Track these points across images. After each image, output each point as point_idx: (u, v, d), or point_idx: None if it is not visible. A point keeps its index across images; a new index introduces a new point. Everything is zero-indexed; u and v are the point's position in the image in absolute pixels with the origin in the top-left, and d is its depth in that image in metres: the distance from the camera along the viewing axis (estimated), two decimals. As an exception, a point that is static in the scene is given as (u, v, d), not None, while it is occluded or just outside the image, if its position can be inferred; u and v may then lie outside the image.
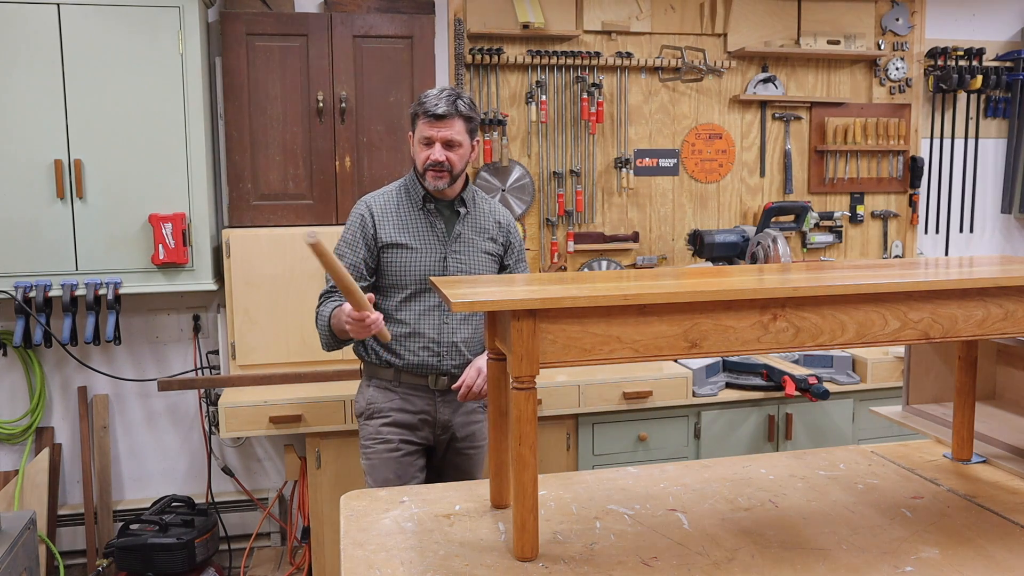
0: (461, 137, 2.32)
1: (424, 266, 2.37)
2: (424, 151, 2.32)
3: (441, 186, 2.34)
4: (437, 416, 2.44)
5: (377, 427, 2.42)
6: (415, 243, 2.38)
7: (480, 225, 2.45)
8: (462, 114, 2.31)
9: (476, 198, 2.49)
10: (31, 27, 3.00)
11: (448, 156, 2.31)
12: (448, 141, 2.30)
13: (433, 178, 2.32)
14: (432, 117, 2.28)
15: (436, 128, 2.29)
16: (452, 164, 2.32)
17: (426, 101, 2.30)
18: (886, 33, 4.13)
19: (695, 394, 3.16)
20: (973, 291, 1.48)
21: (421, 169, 2.34)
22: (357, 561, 1.43)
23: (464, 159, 2.36)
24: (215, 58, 3.35)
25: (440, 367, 2.40)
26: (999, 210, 4.46)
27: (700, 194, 4.02)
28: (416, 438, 2.44)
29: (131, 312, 3.47)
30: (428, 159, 2.31)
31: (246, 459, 3.67)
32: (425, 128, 2.31)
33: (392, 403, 2.42)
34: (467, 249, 2.41)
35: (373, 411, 2.44)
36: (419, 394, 2.42)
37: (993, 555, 1.42)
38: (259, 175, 3.26)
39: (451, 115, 2.29)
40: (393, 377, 2.42)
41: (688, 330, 1.38)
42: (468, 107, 2.33)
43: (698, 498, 1.68)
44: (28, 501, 3.31)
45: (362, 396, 2.49)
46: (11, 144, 3.02)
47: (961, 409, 1.81)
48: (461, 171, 2.37)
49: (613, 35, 3.83)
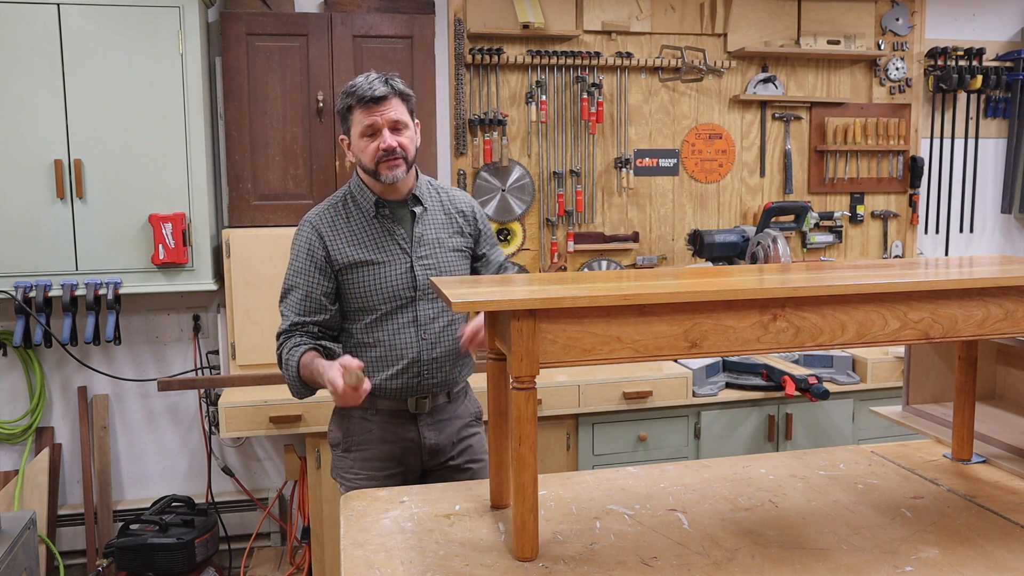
0: (405, 118, 2.10)
1: (391, 281, 2.10)
2: (370, 143, 2.07)
3: (400, 175, 2.08)
4: (423, 441, 2.17)
5: (359, 461, 2.17)
6: (377, 256, 2.11)
7: (442, 221, 2.20)
8: (400, 92, 2.10)
9: (430, 191, 2.23)
10: (31, 27, 3.00)
11: (400, 140, 2.07)
12: (394, 123, 2.07)
13: (388, 168, 2.07)
14: (370, 102, 2.04)
15: (378, 112, 2.05)
16: (405, 149, 2.08)
17: (356, 89, 2.07)
18: (886, 33, 4.13)
19: (695, 394, 3.16)
20: (973, 291, 1.48)
21: (372, 164, 2.07)
22: (357, 561, 1.43)
23: (414, 143, 2.13)
24: (215, 58, 3.35)
25: (420, 388, 2.14)
26: (999, 210, 4.46)
27: (700, 194, 4.02)
28: (403, 468, 2.18)
29: (131, 312, 3.47)
30: (379, 149, 2.05)
31: (246, 459, 3.67)
32: (364, 117, 2.06)
33: (371, 434, 2.15)
34: (434, 252, 2.15)
35: (351, 444, 2.17)
36: (399, 420, 2.16)
37: (993, 555, 1.42)
38: (259, 175, 3.26)
39: (390, 95, 2.07)
40: (369, 405, 2.13)
41: (688, 330, 1.38)
42: (403, 85, 2.12)
43: (698, 498, 1.68)
44: (28, 501, 3.31)
45: (336, 426, 2.21)
46: (11, 144, 3.03)
47: (961, 409, 1.81)
48: (414, 156, 2.14)
49: (613, 35, 3.83)
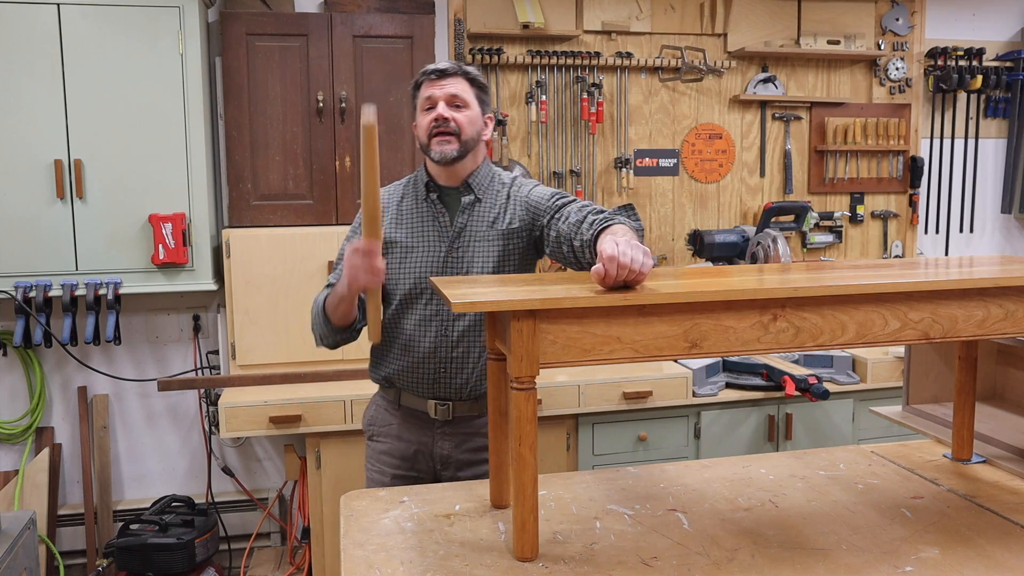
0: (469, 97, 1.99)
1: (420, 267, 2.01)
2: (426, 116, 1.98)
3: (450, 153, 1.95)
4: (435, 450, 2.09)
5: (375, 452, 2.16)
6: (411, 240, 2.03)
7: (492, 215, 2.03)
8: (467, 74, 2.00)
9: (493, 183, 2.07)
10: (31, 27, 3.00)
11: (454, 116, 1.95)
12: (453, 98, 1.96)
13: (439, 143, 1.95)
14: (433, 75, 1.97)
15: (438, 86, 1.97)
16: (460, 126, 1.96)
17: (427, 66, 2.02)
18: (886, 33, 4.13)
19: (695, 394, 3.16)
20: (973, 291, 1.48)
21: (425, 138, 1.98)
22: (357, 561, 1.43)
23: (474, 124, 1.99)
24: (215, 58, 3.35)
25: (439, 388, 2.05)
26: (999, 210, 4.46)
27: (700, 194, 4.02)
28: (412, 471, 2.11)
29: (131, 312, 3.47)
30: (431, 122, 1.96)
31: (246, 459, 3.67)
32: (425, 89, 1.98)
33: (390, 428, 2.13)
34: (474, 246, 2.01)
35: (373, 432, 2.18)
36: (418, 422, 2.10)
37: (993, 555, 1.42)
38: (259, 175, 3.26)
39: (455, 71, 1.98)
40: (393, 398, 2.12)
41: (688, 330, 1.38)
42: (476, 72, 2.03)
43: (698, 498, 1.68)
44: (28, 501, 3.31)
45: (368, 412, 2.22)
46: (11, 144, 3.02)
47: (961, 409, 1.81)
48: (472, 140, 1.99)
49: (613, 35, 3.83)
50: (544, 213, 1.98)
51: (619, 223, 1.75)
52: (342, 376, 3.21)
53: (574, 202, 1.95)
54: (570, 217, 1.89)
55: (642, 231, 1.89)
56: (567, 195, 2.00)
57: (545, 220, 1.98)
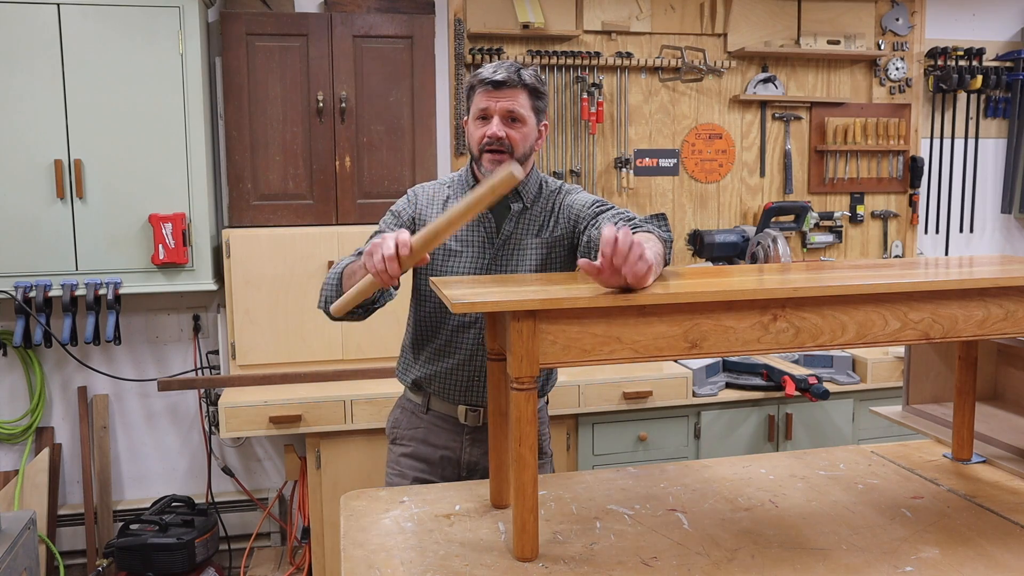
0: (525, 111, 1.90)
1: (463, 272, 1.96)
2: (479, 128, 1.91)
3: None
4: (461, 456, 2.08)
5: (397, 455, 2.14)
6: (456, 245, 1.97)
7: (538, 224, 2.00)
8: (527, 84, 1.90)
9: (540, 190, 2.02)
10: (31, 27, 3.00)
11: (509, 133, 1.89)
12: (509, 113, 1.89)
13: (490, 161, 1.90)
14: (490, 85, 1.88)
15: (495, 98, 1.88)
16: (513, 143, 1.89)
17: (483, 70, 1.92)
18: (886, 33, 4.13)
19: (695, 394, 3.16)
20: (973, 291, 1.48)
21: (476, 151, 1.92)
22: (357, 561, 1.43)
23: (528, 141, 1.93)
24: (215, 58, 3.35)
25: (472, 394, 2.03)
26: (999, 210, 4.46)
27: (700, 194, 4.02)
28: (434, 477, 2.09)
29: (131, 312, 3.47)
30: (484, 137, 1.89)
31: (246, 459, 3.67)
32: (480, 99, 1.91)
33: (416, 432, 2.10)
34: (518, 254, 1.97)
35: (396, 435, 2.15)
36: (446, 427, 2.08)
37: (993, 555, 1.42)
38: (259, 175, 3.26)
39: (513, 83, 1.88)
40: (422, 401, 2.09)
41: (688, 330, 1.38)
42: (534, 79, 1.93)
43: (698, 498, 1.68)
44: (28, 501, 3.31)
45: (392, 415, 2.19)
46: (11, 144, 3.02)
47: (961, 409, 1.81)
48: (525, 155, 1.94)
49: (613, 35, 3.83)
50: (583, 220, 1.96)
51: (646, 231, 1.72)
52: (342, 376, 3.21)
53: (610, 209, 1.93)
54: (602, 224, 1.86)
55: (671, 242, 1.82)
56: (607, 203, 1.97)
57: (583, 227, 1.95)
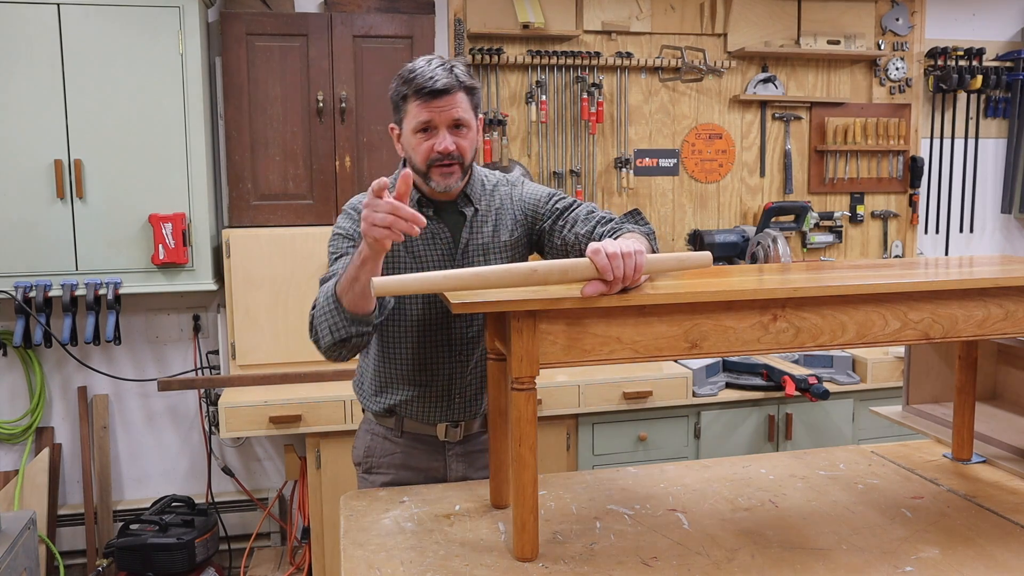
0: (468, 115, 1.76)
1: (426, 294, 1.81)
2: (423, 141, 1.74)
3: (453, 184, 1.77)
4: (448, 473, 1.95)
5: (376, 486, 1.96)
6: (413, 265, 1.82)
7: (492, 223, 1.87)
8: (464, 85, 1.75)
9: (485, 189, 1.89)
10: (31, 27, 3.00)
11: (458, 143, 1.75)
12: (455, 122, 1.74)
13: (442, 176, 1.76)
14: (428, 95, 1.71)
15: (437, 108, 1.72)
16: (463, 153, 1.76)
17: (416, 76, 1.72)
18: (886, 33, 4.13)
19: (695, 394, 3.16)
20: (973, 291, 1.48)
21: (423, 167, 1.76)
22: (357, 561, 1.43)
23: (475, 144, 1.80)
24: (215, 58, 3.35)
25: (451, 413, 1.91)
26: (999, 210, 4.46)
27: (700, 194, 4.02)
28: None
29: (131, 312, 3.47)
30: (433, 151, 1.74)
31: (246, 459, 3.67)
32: (420, 111, 1.73)
33: (393, 458, 1.96)
34: (477, 262, 1.85)
35: (371, 465, 1.98)
36: (424, 447, 1.94)
37: (993, 555, 1.42)
38: (259, 175, 3.26)
39: (453, 88, 1.72)
40: (395, 425, 1.94)
41: (688, 330, 1.38)
42: (468, 75, 1.78)
43: (698, 498, 1.68)
44: (28, 501, 3.31)
45: (360, 443, 2.02)
46: (11, 144, 3.02)
47: (961, 409, 1.82)
48: (472, 158, 1.81)
49: (613, 35, 3.83)
50: (543, 217, 1.87)
51: (629, 230, 1.71)
52: (342, 376, 3.21)
53: (576, 205, 1.86)
54: (577, 226, 1.80)
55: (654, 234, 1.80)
56: (564, 196, 1.90)
57: (546, 225, 1.87)
